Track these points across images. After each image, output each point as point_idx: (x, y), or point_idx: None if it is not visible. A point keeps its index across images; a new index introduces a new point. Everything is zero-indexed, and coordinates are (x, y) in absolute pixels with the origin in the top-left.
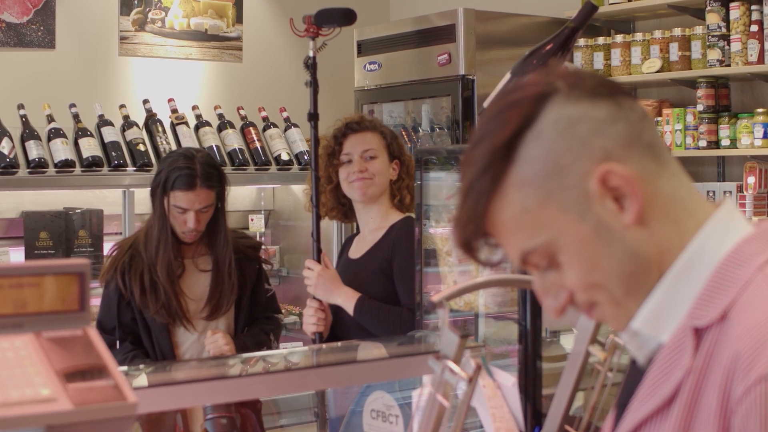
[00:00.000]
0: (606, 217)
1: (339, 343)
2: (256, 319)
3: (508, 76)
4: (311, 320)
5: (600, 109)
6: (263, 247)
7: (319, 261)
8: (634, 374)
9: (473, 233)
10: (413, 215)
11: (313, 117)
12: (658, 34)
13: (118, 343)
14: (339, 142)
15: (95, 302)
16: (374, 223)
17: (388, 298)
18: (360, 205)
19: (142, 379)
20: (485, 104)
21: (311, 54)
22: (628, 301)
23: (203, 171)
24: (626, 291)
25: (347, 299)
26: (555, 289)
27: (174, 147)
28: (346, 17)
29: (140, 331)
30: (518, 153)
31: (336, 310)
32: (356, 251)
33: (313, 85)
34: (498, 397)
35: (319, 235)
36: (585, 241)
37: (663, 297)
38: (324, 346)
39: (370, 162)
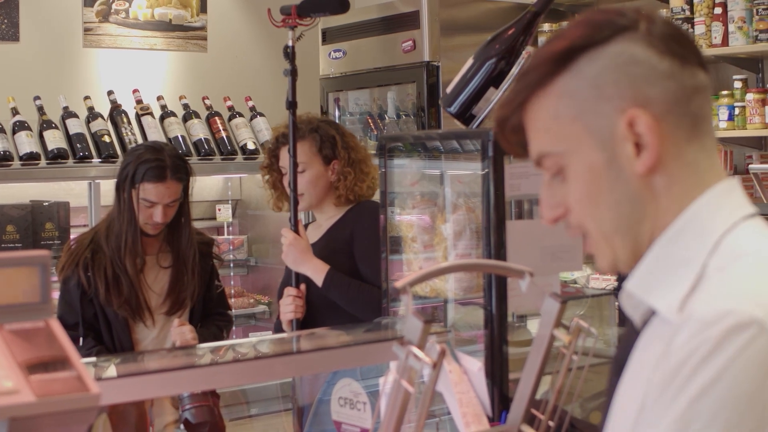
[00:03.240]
0: (621, 156)
1: (305, 331)
2: (208, 315)
3: (471, 61)
4: (289, 308)
5: (663, 62)
6: (230, 237)
7: (296, 231)
8: (630, 332)
9: (508, 117)
10: (369, 199)
11: (292, 105)
12: None
13: (81, 339)
14: (275, 155)
15: (54, 295)
16: (328, 214)
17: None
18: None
19: (110, 370)
20: (448, 90)
21: (290, 44)
22: (615, 239)
23: (173, 163)
24: (615, 229)
25: (316, 271)
26: (555, 200)
27: (139, 138)
28: (341, 5)
29: (101, 328)
30: (575, 64)
31: (306, 292)
32: (313, 236)
33: (292, 73)
34: (464, 382)
35: (296, 205)
36: (595, 169)
37: (653, 260)
38: (291, 334)
39: (300, 176)
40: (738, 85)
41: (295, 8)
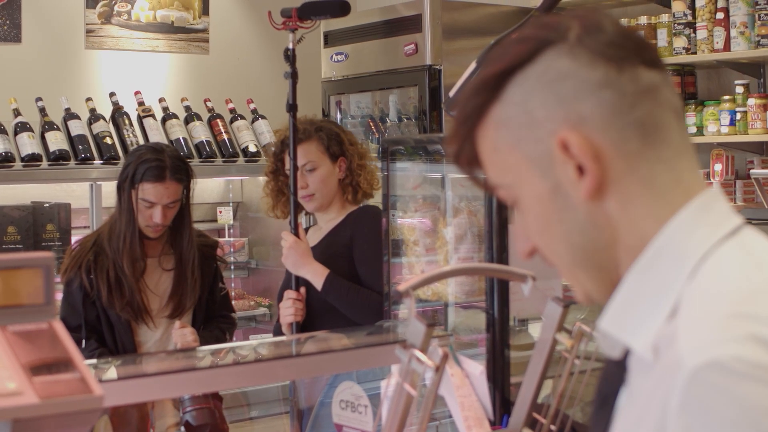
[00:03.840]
0: (565, 183)
1: (307, 334)
2: (211, 317)
3: (473, 65)
4: (289, 311)
5: (595, 71)
6: (231, 239)
7: (297, 234)
8: (612, 365)
9: (458, 152)
10: (370, 204)
11: (293, 108)
12: (624, 22)
13: (84, 341)
14: (280, 159)
15: (57, 296)
16: (330, 216)
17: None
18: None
19: (111, 372)
20: (451, 94)
21: (291, 46)
22: (577, 273)
23: (172, 164)
24: (573, 263)
25: (316, 274)
26: (522, 233)
27: (141, 140)
28: (342, 8)
29: (104, 330)
30: (505, 91)
31: (306, 295)
32: (313, 239)
33: (293, 76)
34: (466, 385)
35: (297, 209)
36: (541, 199)
37: (625, 294)
38: (292, 337)
39: (310, 175)
40: (740, 90)
41: (295, 11)
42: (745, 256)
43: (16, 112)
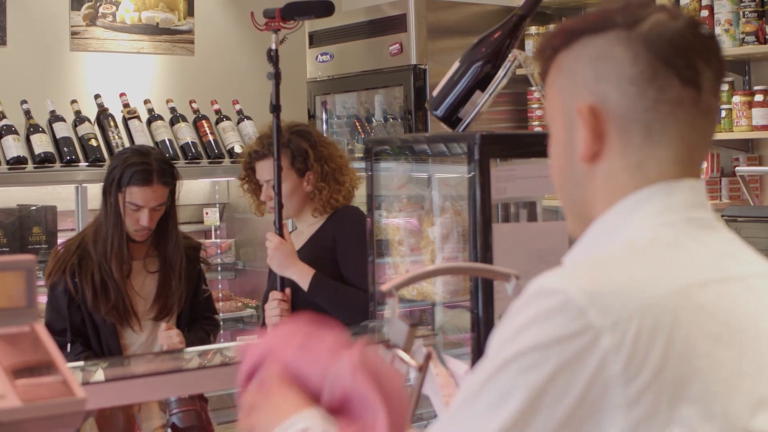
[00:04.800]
0: (576, 139)
1: None
2: (195, 319)
3: (457, 64)
4: (274, 312)
5: (633, 67)
6: (218, 240)
7: (281, 235)
8: None
9: (542, 72)
10: (351, 205)
11: (276, 108)
12: None
13: (69, 345)
14: (251, 167)
15: (42, 299)
16: (310, 221)
17: None
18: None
19: (97, 374)
20: (435, 93)
21: (273, 47)
22: (568, 216)
23: (159, 167)
24: (566, 206)
25: (302, 275)
26: (551, 165)
27: (126, 142)
28: (326, 8)
29: (89, 333)
30: (572, 45)
31: (291, 296)
32: (295, 244)
33: (276, 77)
34: (451, 385)
35: (281, 208)
36: (560, 145)
37: (582, 243)
38: None
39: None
40: (725, 87)
41: (279, 11)
42: (654, 241)
43: (1, 115)
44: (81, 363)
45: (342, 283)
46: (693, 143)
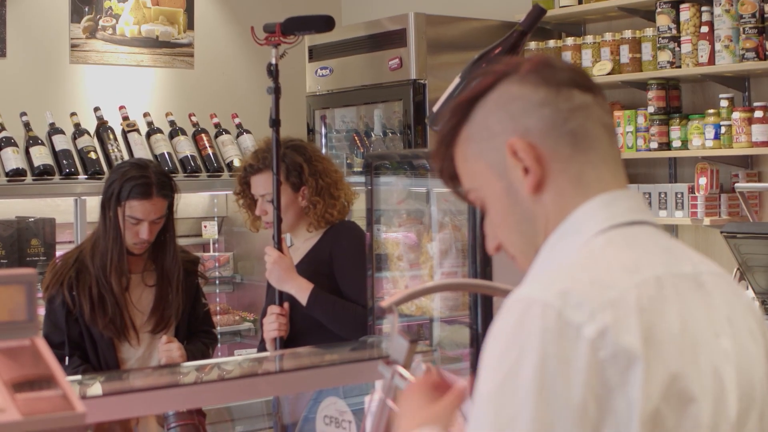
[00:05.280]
0: (515, 181)
1: (290, 350)
2: (194, 333)
3: (457, 80)
4: (273, 326)
5: (537, 94)
6: (216, 254)
7: (280, 249)
8: None
9: (441, 167)
10: (348, 220)
11: (276, 123)
12: (608, 36)
13: (67, 358)
14: (246, 182)
15: (40, 311)
16: (307, 236)
17: None
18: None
19: (95, 388)
20: (435, 108)
21: (273, 61)
22: (524, 259)
23: (158, 180)
24: (523, 250)
25: (300, 289)
26: (489, 230)
27: (125, 154)
28: (326, 23)
29: (87, 347)
30: (472, 114)
31: (289, 311)
32: (293, 259)
33: (276, 91)
34: None
35: (280, 222)
36: (499, 197)
37: (536, 266)
38: (276, 353)
39: (269, 205)
40: (724, 103)
41: (279, 26)
42: (614, 243)
43: (1, 127)
44: (79, 377)
45: (339, 297)
46: (610, 136)
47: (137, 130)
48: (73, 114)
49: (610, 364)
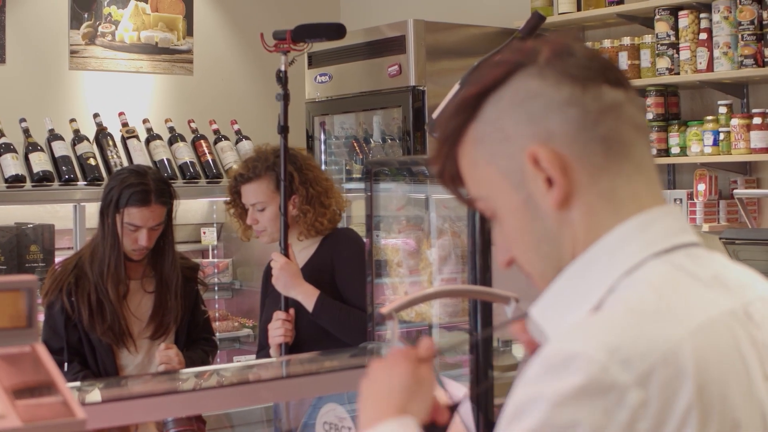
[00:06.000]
0: (536, 194)
1: (290, 356)
2: (194, 340)
3: (457, 86)
4: (278, 332)
5: (561, 91)
6: (215, 260)
7: (287, 255)
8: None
9: (442, 169)
10: (344, 227)
11: (284, 129)
12: (607, 43)
13: (66, 364)
14: (236, 191)
15: (39, 318)
16: (303, 245)
17: None
18: None
19: (95, 395)
20: (434, 115)
21: (283, 68)
22: (543, 282)
23: (157, 187)
24: (542, 272)
25: (307, 296)
26: (501, 243)
27: (125, 161)
28: (338, 31)
29: (86, 353)
30: (481, 111)
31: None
32: None
33: (285, 98)
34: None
35: (287, 228)
36: (515, 210)
37: (558, 288)
38: (275, 359)
39: (260, 214)
40: (723, 110)
41: (290, 33)
42: (660, 278)
43: (0, 133)
44: (79, 383)
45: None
46: (644, 141)
47: (136, 137)
48: (72, 120)
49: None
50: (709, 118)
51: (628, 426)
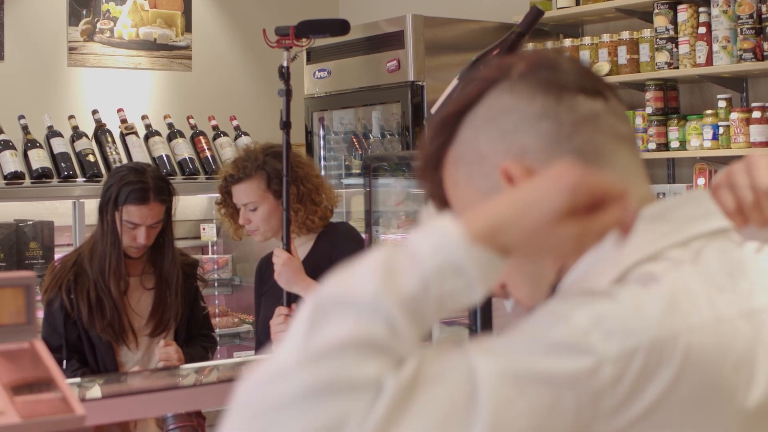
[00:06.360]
0: None
1: None
2: (193, 336)
3: (455, 81)
4: (281, 327)
5: (533, 104)
6: (215, 256)
7: (289, 250)
8: None
9: (428, 187)
10: (338, 221)
11: (286, 125)
12: (606, 37)
13: (65, 362)
14: (227, 191)
15: (39, 314)
16: (297, 243)
17: None
18: None
19: (94, 391)
20: (433, 110)
21: (285, 64)
22: (531, 302)
23: (155, 185)
24: (528, 293)
25: (310, 291)
26: None
27: (124, 157)
28: (341, 27)
29: (85, 350)
30: (458, 131)
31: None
32: None
33: (287, 94)
34: None
35: (289, 224)
36: None
37: (586, 266)
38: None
39: (252, 213)
40: (722, 104)
41: (293, 29)
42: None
43: None
44: (78, 379)
45: None
46: (628, 149)
47: (135, 133)
48: (71, 117)
49: (603, 416)
50: (709, 112)
51: (594, 397)
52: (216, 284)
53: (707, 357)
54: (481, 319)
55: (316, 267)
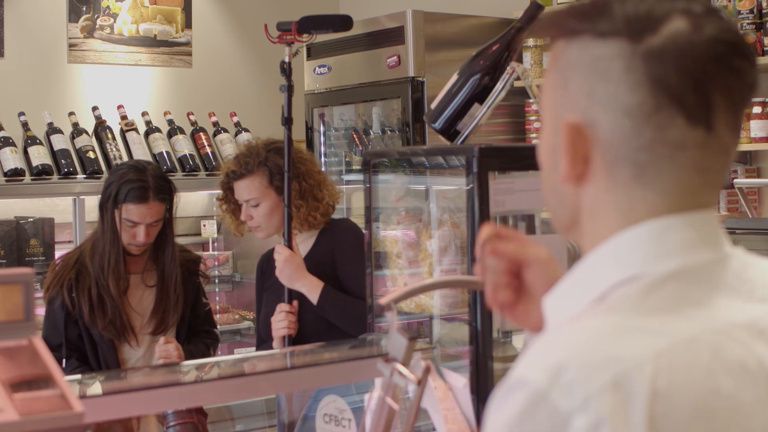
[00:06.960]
0: (559, 150)
1: (289, 348)
2: (195, 332)
3: (455, 77)
4: (282, 324)
5: (634, 95)
6: (215, 253)
7: (290, 247)
8: None
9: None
10: (340, 218)
11: (288, 121)
12: None
13: (64, 361)
14: (229, 187)
15: (40, 311)
16: (300, 239)
17: None
18: None
19: (95, 387)
20: (433, 105)
21: (287, 60)
22: (555, 222)
23: (155, 183)
24: (553, 216)
25: (311, 288)
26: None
27: (124, 154)
28: (344, 23)
29: (86, 349)
30: (573, 43)
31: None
32: None
33: (289, 89)
34: (449, 398)
35: (291, 220)
36: (547, 148)
37: (569, 281)
38: (275, 351)
39: (254, 210)
40: None
41: (295, 24)
42: (652, 292)
43: None
44: (78, 376)
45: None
46: (696, 188)
47: (135, 129)
48: (71, 113)
49: None
50: None
51: None
52: (217, 281)
53: (683, 380)
54: (482, 315)
55: (318, 264)
